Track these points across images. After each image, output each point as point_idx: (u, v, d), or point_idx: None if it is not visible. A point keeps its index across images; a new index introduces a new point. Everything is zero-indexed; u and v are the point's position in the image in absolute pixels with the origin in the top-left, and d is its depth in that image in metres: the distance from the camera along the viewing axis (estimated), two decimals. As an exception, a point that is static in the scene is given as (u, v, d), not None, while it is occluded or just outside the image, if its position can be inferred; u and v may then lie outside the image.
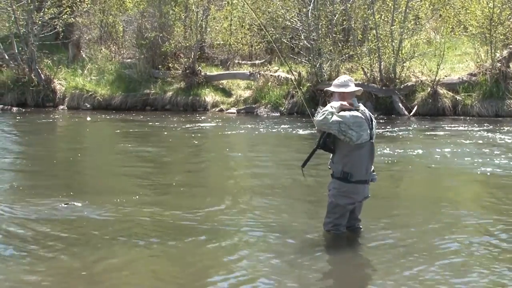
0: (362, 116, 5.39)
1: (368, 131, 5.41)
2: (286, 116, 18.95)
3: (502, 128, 15.02)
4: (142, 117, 18.97)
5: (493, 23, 18.36)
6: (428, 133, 14.37)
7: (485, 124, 15.70)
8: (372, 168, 5.55)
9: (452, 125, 15.75)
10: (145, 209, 6.87)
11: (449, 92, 18.34)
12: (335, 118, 5.28)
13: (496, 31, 18.41)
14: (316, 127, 5.50)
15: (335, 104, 5.41)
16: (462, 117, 17.60)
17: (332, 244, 5.55)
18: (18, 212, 6.72)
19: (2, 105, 21.67)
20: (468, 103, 17.96)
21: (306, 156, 5.68)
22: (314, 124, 5.49)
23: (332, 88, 5.58)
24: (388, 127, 15.67)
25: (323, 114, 5.32)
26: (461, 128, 15.15)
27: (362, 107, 5.53)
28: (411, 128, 15.75)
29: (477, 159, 10.42)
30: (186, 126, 16.48)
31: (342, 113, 5.34)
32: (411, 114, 18.10)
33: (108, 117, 19.15)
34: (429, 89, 18.32)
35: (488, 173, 9.14)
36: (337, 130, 5.30)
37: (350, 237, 5.67)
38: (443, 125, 15.81)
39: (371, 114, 5.56)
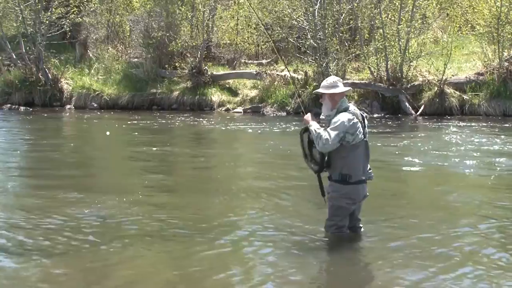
0: (355, 117, 5.36)
1: (362, 130, 5.39)
2: (293, 115, 18.93)
3: (509, 128, 14.95)
4: (148, 116, 19.00)
5: (501, 22, 18.28)
6: (434, 132, 14.32)
7: (492, 124, 15.63)
8: (368, 166, 5.54)
9: (459, 125, 15.67)
10: (151, 208, 6.88)
11: (456, 92, 18.27)
12: (332, 134, 5.20)
13: (504, 30, 18.32)
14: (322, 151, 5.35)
15: (315, 124, 5.37)
16: (469, 116, 17.52)
17: (335, 245, 5.53)
18: (24, 211, 6.74)
19: (9, 105, 21.81)
20: (475, 103, 17.89)
21: (318, 185, 5.60)
22: (320, 150, 5.33)
23: (322, 90, 5.47)
24: (394, 126, 15.63)
25: (320, 139, 5.22)
26: (468, 127, 15.08)
27: (352, 106, 5.49)
28: (417, 127, 15.69)
29: (483, 159, 10.37)
30: (192, 125, 16.49)
31: (336, 120, 5.27)
32: (418, 113, 18.04)
33: (115, 116, 19.20)
34: (436, 88, 18.25)
35: (493, 173, 9.10)
36: (339, 143, 5.26)
37: (353, 237, 5.66)
38: (449, 125, 15.74)
39: (362, 113, 5.52)
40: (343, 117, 5.29)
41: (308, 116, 5.50)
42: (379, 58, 19.31)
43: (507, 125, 15.49)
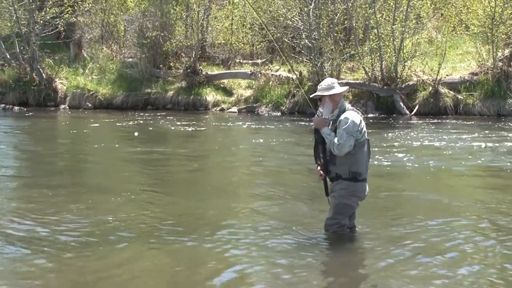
0: (359, 114, 5.39)
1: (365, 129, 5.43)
2: (287, 115, 18.95)
3: (503, 127, 15.00)
4: (143, 116, 18.96)
5: (495, 22, 18.33)
6: (429, 132, 14.35)
7: (486, 124, 15.68)
8: None
9: (453, 124, 15.72)
10: (144, 209, 6.87)
11: (450, 92, 18.33)
12: (347, 137, 5.21)
13: (498, 30, 18.38)
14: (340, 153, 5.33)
15: (326, 129, 5.37)
16: (463, 116, 17.57)
17: (336, 243, 5.52)
18: (20, 212, 6.72)
19: (3, 105, 21.73)
20: (469, 102, 17.96)
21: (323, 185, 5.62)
22: (337, 154, 5.34)
23: (322, 92, 5.46)
24: (388, 126, 15.65)
25: (335, 145, 5.25)
26: (461, 127, 15.13)
27: (349, 106, 5.51)
28: (411, 127, 15.71)
29: (476, 159, 10.41)
30: (187, 125, 16.46)
31: (345, 120, 5.26)
32: (412, 113, 18.08)
33: (109, 116, 19.15)
34: (431, 88, 18.31)
35: (486, 172, 9.12)
36: (354, 143, 5.29)
37: (352, 236, 5.68)
38: (444, 124, 15.79)
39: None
40: (351, 115, 5.31)
41: (318, 121, 5.47)
42: (374, 58, 19.34)
43: (501, 125, 15.55)
